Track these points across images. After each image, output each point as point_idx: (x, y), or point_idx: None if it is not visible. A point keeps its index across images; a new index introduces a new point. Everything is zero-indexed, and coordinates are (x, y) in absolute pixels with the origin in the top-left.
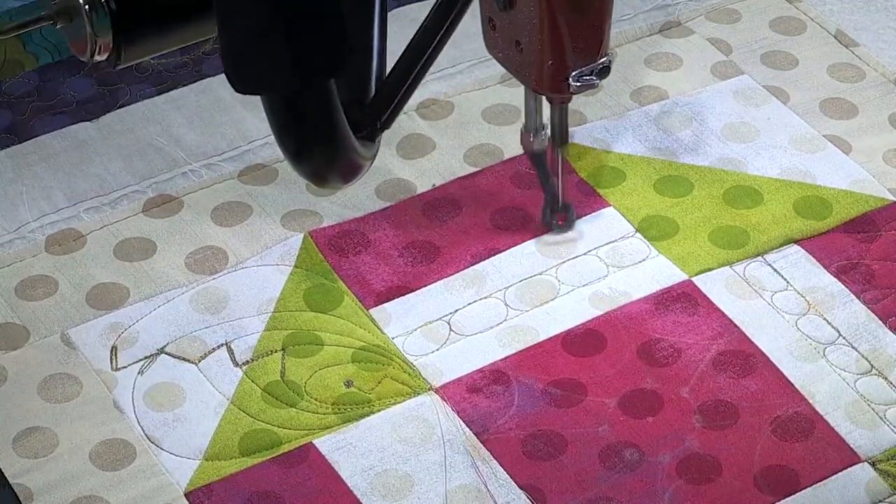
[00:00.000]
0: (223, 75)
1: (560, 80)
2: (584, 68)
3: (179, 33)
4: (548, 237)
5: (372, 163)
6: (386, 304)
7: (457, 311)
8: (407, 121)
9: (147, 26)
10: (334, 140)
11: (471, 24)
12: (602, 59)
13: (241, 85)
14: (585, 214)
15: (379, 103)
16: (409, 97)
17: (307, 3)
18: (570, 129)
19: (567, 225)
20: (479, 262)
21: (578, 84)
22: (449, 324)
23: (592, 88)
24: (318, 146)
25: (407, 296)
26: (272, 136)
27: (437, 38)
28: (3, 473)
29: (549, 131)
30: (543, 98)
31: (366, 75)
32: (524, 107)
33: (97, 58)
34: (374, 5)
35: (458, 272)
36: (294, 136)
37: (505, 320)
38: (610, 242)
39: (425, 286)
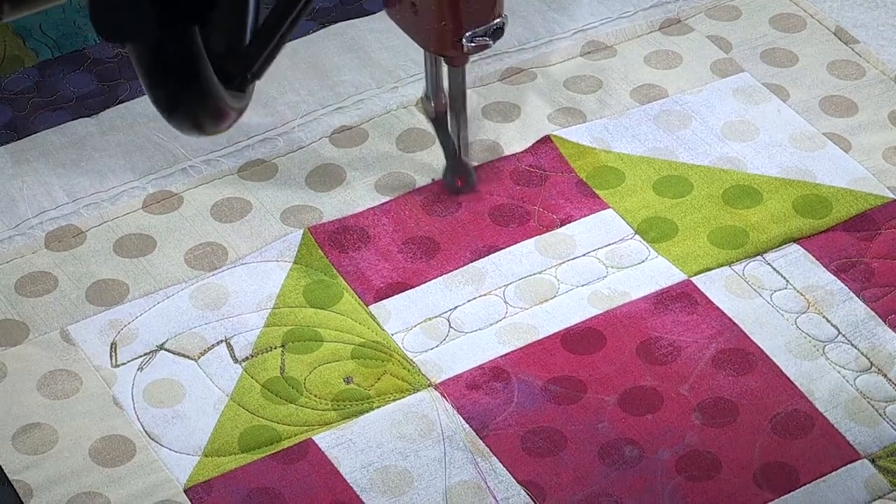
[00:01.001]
0: None
1: (454, 41)
2: (477, 29)
3: None
4: (547, 237)
5: (242, 112)
6: (385, 301)
7: (456, 307)
8: (406, 115)
9: None
10: (198, 88)
11: None
12: (496, 21)
13: (106, 33)
14: (584, 216)
15: (250, 53)
16: (280, 47)
17: None
18: (571, 128)
19: (467, 185)
20: (478, 258)
21: (472, 45)
22: (448, 320)
23: (486, 49)
24: (182, 94)
25: (406, 292)
26: (272, 132)
27: None
28: (2, 470)
29: (448, 94)
30: (443, 62)
31: (241, 25)
32: (424, 70)
33: None
34: None
35: (457, 269)
36: (160, 86)
37: (504, 317)
38: (609, 245)
39: (425, 282)
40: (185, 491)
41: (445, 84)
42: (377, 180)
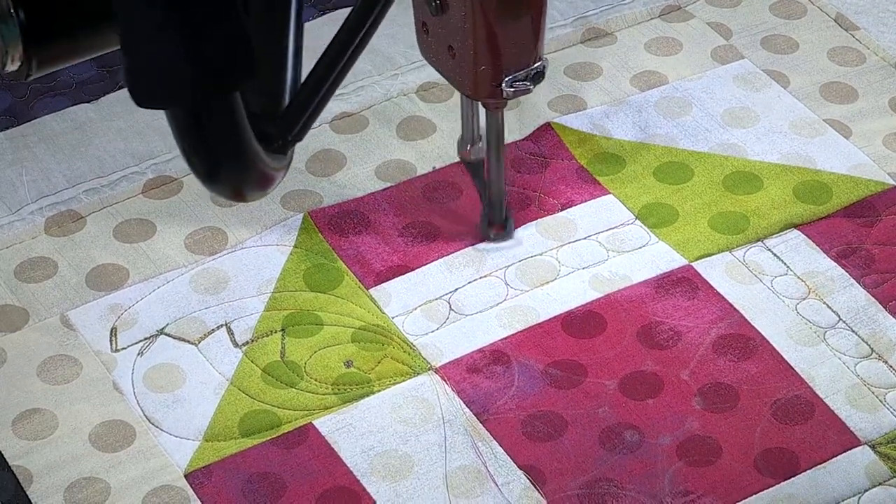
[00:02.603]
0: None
1: (493, 86)
2: (517, 73)
3: (90, 43)
4: (548, 220)
5: (286, 173)
6: (385, 284)
7: (457, 289)
8: (407, 103)
9: (57, 37)
10: (240, 156)
11: None
12: (536, 64)
13: (142, 99)
14: (585, 201)
15: (291, 115)
16: (322, 108)
17: (206, 14)
18: (571, 115)
19: (505, 234)
20: (479, 241)
21: (512, 90)
22: (449, 303)
23: (527, 94)
24: (224, 163)
25: (407, 275)
26: None
27: (352, 48)
28: (2, 455)
29: (485, 140)
30: (480, 106)
31: (280, 86)
32: (460, 115)
33: (9, 68)
34: (289, 13)
35: (458, 251)
36: (199, 153)
37: (505, 300)
38: (609, 229)
39: (425, 265)
40: (185, 476)
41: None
42: (377, 167)
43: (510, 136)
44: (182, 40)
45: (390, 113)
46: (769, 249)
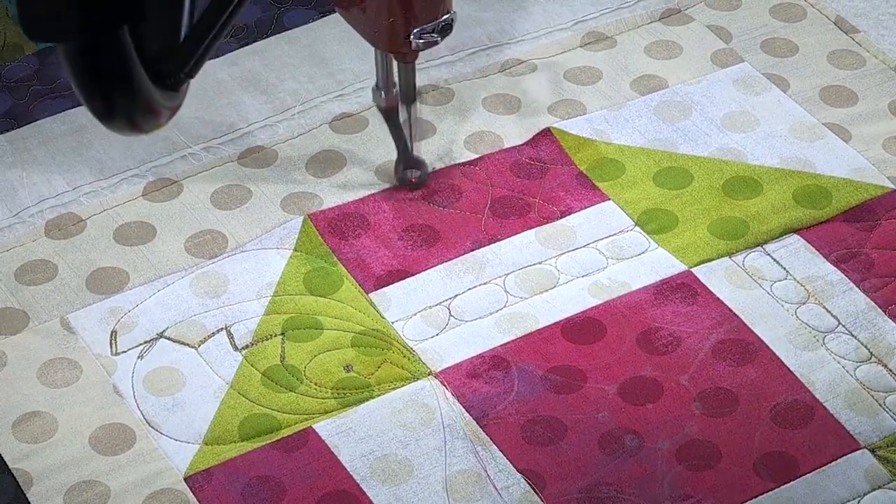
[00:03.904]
0: (223, 58)
1: (402, 38)
2: (425, 26)
3: None
4: (547, 228)
5: (177, 110)
6: (386, 289)
7: (456, 296)
8: None
9: None
10: (129, 89)
11: (469, 14)
12: (444, 17)
13: (33, 33)
14: (584, 208)
15: (184, 52)
16: (213, 46)
17: None
18: (571, 120)
19: (419, 179)
20: (478, 248)
21: (421, 41)
22: (449, 309)
23: (435, 45)
24: (114, 96)
25: (407, 280)
26: (272, 119)
27: None
28: (2, 458)
29: (398, 88)
30: (393, 58)
31: (175, 24)
32: (374, 65)
33: None
34: None
35: (457, 257)
36: (91, 88)
37: (504, 306)
38: (609, 236)
39: (425, 270)
40: (185, 479)
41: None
42: (377, 168)
43: (510, 140)
44: None
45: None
46: (769, 254)
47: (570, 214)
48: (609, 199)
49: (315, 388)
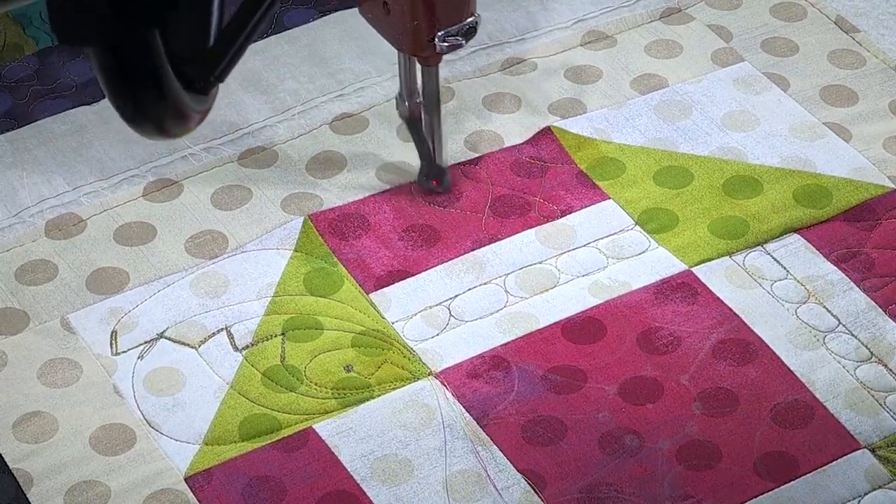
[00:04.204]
0: None
1: (426, 41)
2: (450, 28)
3: None
4: (547, 227)
5: (206, 115)
6: (386, 289)
7: (457, 296)
8: None
9: None
10: (159, 92)
11: None
12: (469, 20)
13: (64, 37)
14: (584, 207)
15: (213, 56)
16: (244, 50)
17: None
18: (571, 119)
19: (441, 186)
20: (479, 247)
21: (445, 44)
22: (449, 309)
23: (459, 48)
24: (143, 99)
25: (407, 280)
26: (272, 119)
27: None
28: (3, 458)
29: (422, 95)
30: (416, 63)
31: (205, 27)
32: (398, 70)
33: None
34: None
35: (458, 257)
36: (120, 91)
37: (505, 306)
38: (609, 235)
39: (425, 270)
40: (185, 479)
41: (419, 84)
42: (378, 168)
43: (510, 139)
44: None
45: (391, 114)
46: (769, 254)
47: (570, 213)
48: (609, 199)
49: (315, 389)
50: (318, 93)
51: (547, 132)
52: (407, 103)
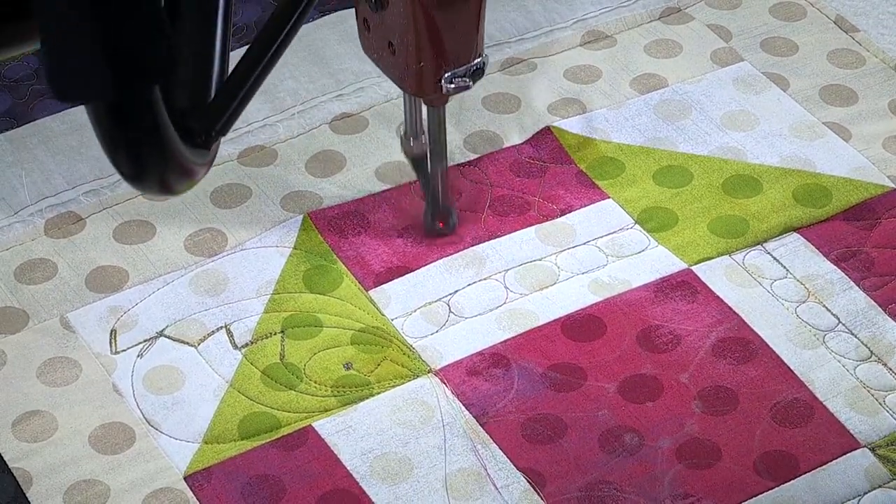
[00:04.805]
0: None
1: (433, 82)
2: (457, 70)
3: (5, 40)
4: (547, 225)
5: (209, 167)
6: (385, 285)
7: (456, 291)
8: None
9: None
10: (160, 150)
11: None
12: (476, 61)
13: (60, 94)
14: (584, 206)
15: (215, 110)
16: (246, 103)
17: (122, 8)
18: (571, 119)
19: (448, 228)
20: (478, 244)
21: (452, 86)
22: (448, 305)
23: (466, 90)
24: (144, 158)
25: (406, 276)
26: (271, 119)
27: (277, 43)
28: (2, 457)
29: (427, 135)
30: (422, 101)
31: (206, 81)
32: (403, 110)
33: None
34: (216, 7)
35: (457, 252)
36: (118, 148)
37: (505, 303)
38: (609, 234)
39: (425, 266)
40: (184, 478)
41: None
42: (377, 168)
43: (510, 139)
44: (98, 34)
45: (390, 114)
46: (769, 253)
47: (569, 212)
48: (609, 198)
49: (315, 387)
50: (318, 93)
51: (546, 132)
52: (412, 143)
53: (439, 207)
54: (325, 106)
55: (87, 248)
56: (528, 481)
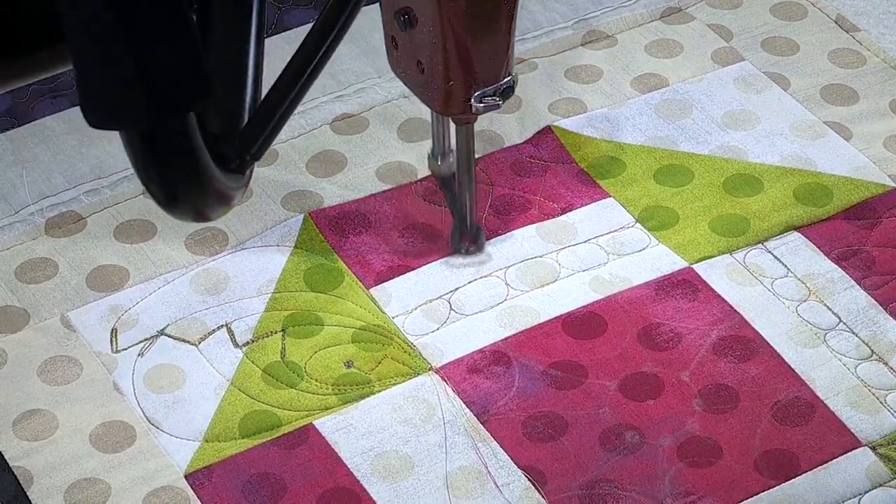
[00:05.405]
0: None
1: (462, 101)
2: (486, 89)
3: (39, 64)
4: (548, 224)
5: (245, 191)
6: (386, 283)
7: (457, 289)
8: (408, 104)
9: (3, 58)
10: (195, 177)
11: None
12: (506, 79)
13: (95, 120)
14: (585, 205)
15: (249, 134)
16: (280, 128)
17: (157, 34)
18: (572, 118)
19: (476, 248)
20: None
21: (482, 105)
22: (449, 302)
23: (496, 109)
24: (179, 185)
25: (407, 274)
26: None
27: (311, 68)
28: (3, 456)
29: (455, 154)
30: (450, 120)
31: (239, 105)
32: (431, 129)
33: None
34: (249, 31)
35: (458, 251)
36: (153, 176)
37: (505, 300)
38: (610, 232)
39: (426, 264)
40: (185, 476)
41: (453, 142)
42: (378, 168)
43: (511, 139)
44: (133, 61)
45: (391, 114)
46: (770, 251)
47: (570, 211)
48: (610, 197)
49: (315, 385)
50: (319, 93)
51: (547, 132)
52: (440, 162)
53: (467, 227)
54: (325, 106)
55: (87, 248)
56: (529, 479)
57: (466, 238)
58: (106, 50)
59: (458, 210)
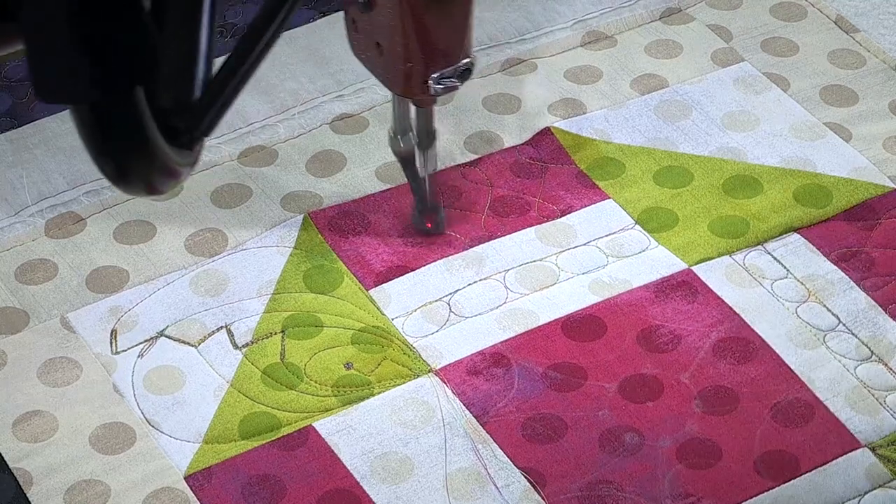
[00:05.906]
0: (222, 58)
1: (421, 83)
2: (445, 70)
3: None
4: (547, 226)
5: (193, 167)
6: (385, 285)
7: (457, 291)
8: None
9: None
10: (143, 152)
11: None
12: (464, 61)
13: (44, 94)
14: (584, 207)
15: (199, 110)
16: (230, 104)
17: (105, 10)
18: (571, 119)
19: (436, 227)
20: (478, 244)
21: (441, 87)
22: (449, 304)
23: (454, 91)
24: (128, 159)
25: (407, 275)
26: (272, 119)
27: (262, 43)
28: (2, 457)
29: (415, 134)
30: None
31: (191, 80)
32: (391, 108)
33: None
34: (201, 9)
35: (458, 252)
36: (102, 150)
37: (505, 303)
38: (609, 234)
39: (425, 265)
40: (185, 478)
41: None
42: (377, 168)
43: (510, 140)
44: (81, 36)
45: (390, 114)
46: (769, 253)
47: (570, 213)
48: (609, 198)
49: (315, 386)
50: (318, 93)
51: (546, 133)
52: (401, 142)
53: (427, 206)
54: (325, 106)
55: (87, 249)
56: (529, 481)
57: (427, 217)
58: (55, 26)
59: (418, 189)
